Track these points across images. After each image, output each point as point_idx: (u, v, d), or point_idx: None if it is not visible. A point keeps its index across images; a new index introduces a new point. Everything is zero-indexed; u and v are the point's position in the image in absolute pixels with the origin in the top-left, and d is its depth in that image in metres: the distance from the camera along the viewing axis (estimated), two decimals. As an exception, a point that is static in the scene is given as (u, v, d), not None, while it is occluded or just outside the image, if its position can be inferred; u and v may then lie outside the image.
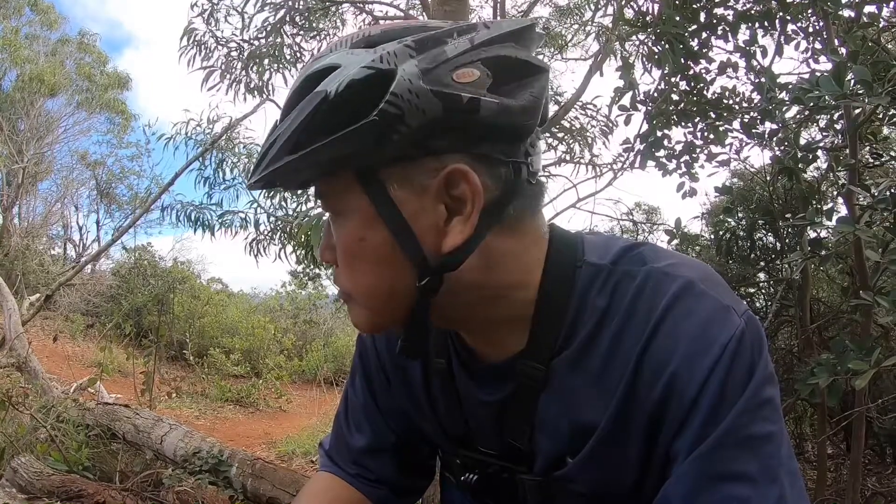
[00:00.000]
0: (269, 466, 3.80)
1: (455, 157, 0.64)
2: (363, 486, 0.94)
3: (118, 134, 17.19)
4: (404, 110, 0.61)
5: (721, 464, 0.64)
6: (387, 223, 0.66)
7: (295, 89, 0.67)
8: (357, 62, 0.63)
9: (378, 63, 0.62)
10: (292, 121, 0.65)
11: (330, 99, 0.62)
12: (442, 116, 0.62)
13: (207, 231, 5.48)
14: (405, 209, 0.65)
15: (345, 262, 0.70)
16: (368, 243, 0.67)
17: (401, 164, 0.64)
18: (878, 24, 2.88)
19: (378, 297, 0.70)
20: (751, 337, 0.66)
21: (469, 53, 0.64)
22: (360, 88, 0.62)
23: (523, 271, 0.72)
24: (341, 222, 0.69)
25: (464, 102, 0.62)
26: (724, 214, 3.95)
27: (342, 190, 0.67)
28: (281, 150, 0.65)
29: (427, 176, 0.65)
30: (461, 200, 0.65)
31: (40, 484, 3.44)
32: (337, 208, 0.69)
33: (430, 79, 0.62)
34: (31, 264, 13.14)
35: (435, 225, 0.66)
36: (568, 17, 6.71)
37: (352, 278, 0.70)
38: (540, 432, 0.76)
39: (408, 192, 0.65)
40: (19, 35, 15.87)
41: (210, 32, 5.09)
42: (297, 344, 12.43)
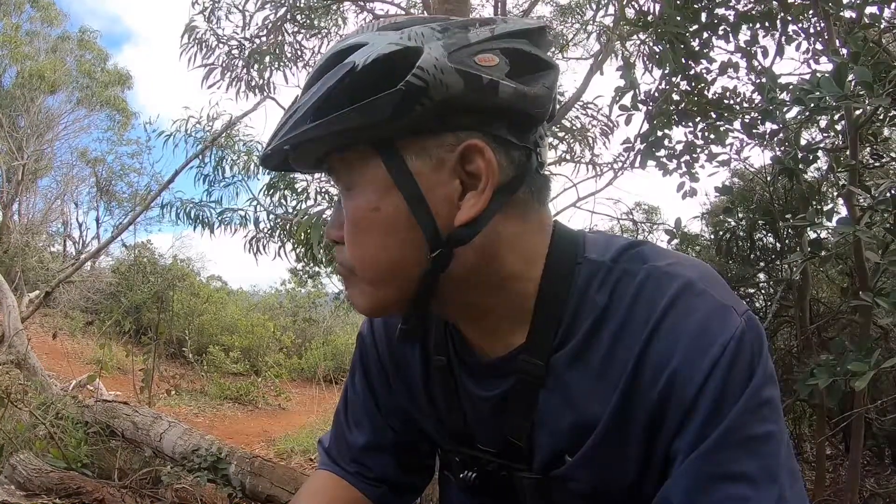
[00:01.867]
0: (268, 464, 3.79)
1: (472, 135, 0.67)
2: (362, 484, 0.94)
3: (118, 131, 17.19)
4: (429, 84, 0.63)
5: (721, 464, 0.63)
6: (403, 192, 0.67)
7: (319, 66, 0.69)
8: (385, 40, 0.65)
9: (406, 41, 0.65)
10: (315, 91, 0.67)
11: (356, 70, 0.64)
12: (463, 94, 0.64)
13: (207, 229, 5.49)
14: (421, 181, 0.67)
15: (354, 235, 0.70)
16: (381, 213, 0.68)
17: (420, 137, 0.66)
18: (879, 25, 2.89)
19: (386, 270, 0.70)
20: (751, 337, 0.66)
21: (490, 41, 0.67)
22: (386, 62, 0.64)
23: (526, 260, 0.72)
24: (353, 195, 0.69)
25: (484, 83, 0.65)
26: (724, 214, 3.95)
27: (358, 162, 0.68)
28: (301, 119, 0.67)
29: (444, 150, 0.67)
30: (475, 176, 0.67)
31: (39, 481, 3.44)
32: (351, 181, 0.69)
33: (454, 58, 0.64)
34: (31, 261, 13.13)
35: (449, 198, 0.68)
36: (569, 16, 6.71)
37: (360, 251, 0.70)
38: (539, 430, 0.76)
39: (424, 164, 0.67)
40: (20, 32, 15.87)
41: (211, 30, 5.10)
42: (296, 342, 12.45)
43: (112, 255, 14.82)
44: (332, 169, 0.71)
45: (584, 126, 5.13)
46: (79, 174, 17.15)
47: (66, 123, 16.84)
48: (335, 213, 0.75)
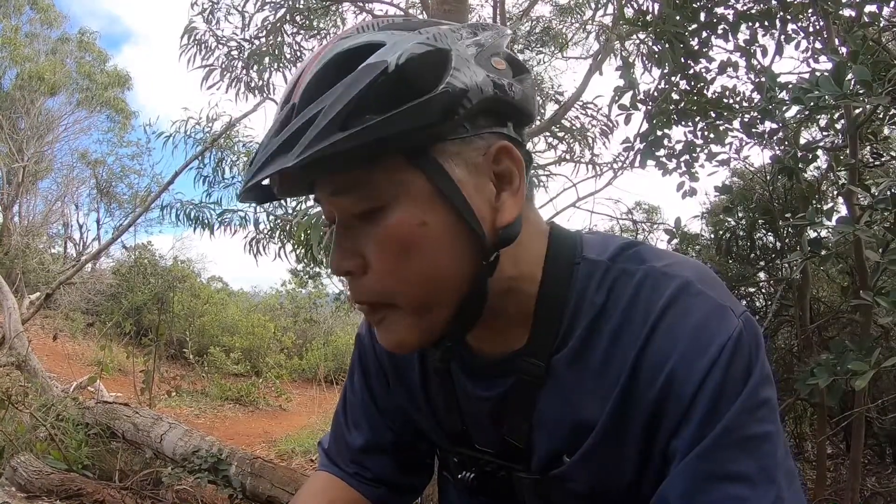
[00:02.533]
0: (269, 465, 3.80)
1: (495, 136, 0.66)
2: (361, 485, 0.94)
3: (118, 132, 17.21)
4: (468, 86, 0.62)
5: (718, 464, 0.64)
6: (450, 202, 0.63)
7: (325, 65, 0.62)
8: (408, 39, 0.61)
9: (433, 41, 0.62)
10: (341, 94, 0.59)
11: (390, 71, 0.59)
12: (492, 96, 0.64)
13: (207, 230, 5.49)
14: (463, 187, 0.64)
15: (398, 257, 0.64)
16: (430, 227, 0.63)
17: (454, 142, 0.64)
18: (878, 23, 2.88)
19: (439, 289, 0.66)
20: (748, 337, 0.66)
21: (497, 46, 0.68)
22: (421, 63, 0.60)
23: (531, 262, 0.73)
24: (390, 212, 0.63)
25: (504, 85, 0.65)
26: (724, 214, 3.95)
27: (388, 175, 0.62)
28: (327, 128, 0.58)
29: (477, 154, 0.65)
30: (506, 176, 0.67)
31: (40, 483, 3.44)
32: (383, 197, 0.63)
33: (480, 61, 0.64)
34: (32, 263, 13.15)
35: (489, 201, 0.66)
36: (568, 15, 6.71)
37: (406, 273, 0.65)
38: (537, 430, 0.76)
39: (462, 170, 0.64)
40: (19, 33, 15.88)
41: (210, 31, 5.10)
42: (297, 342, 12.44)
43: (112, 257, 14.86)
44: (350, 184, 0.63)
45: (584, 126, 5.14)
46: (79, 176, 17.19)
47: (66, 125, 16.88)
48: (342, 240, 0.67)
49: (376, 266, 0.65)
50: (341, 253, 0.67)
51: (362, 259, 0.66)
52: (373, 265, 0.65)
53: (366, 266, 0.66)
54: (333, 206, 0.67)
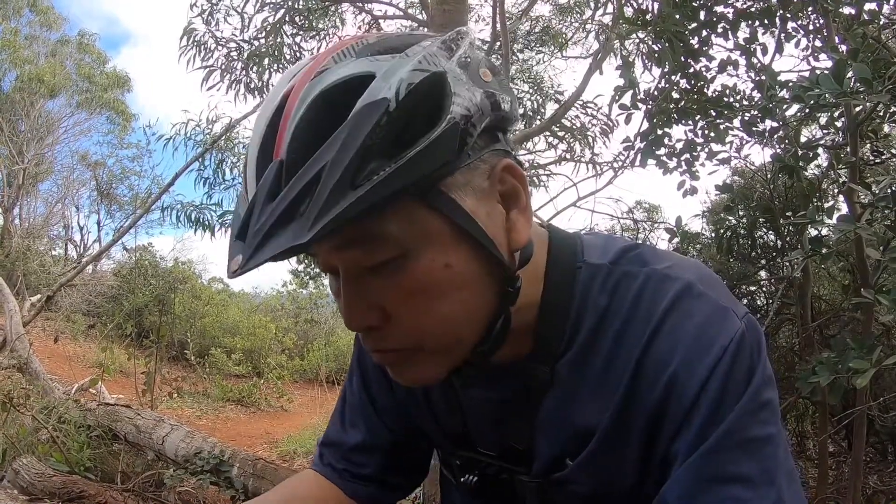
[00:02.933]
0: (271, 466, 3.80)
1: (493, 155, 0.63)
2: (348, 482, 0.93)
3: (118, 134, 17.24)
4: (472, 111, 0.58)
5: (720, 465, 0.63)
6: (471, 237, 0.60)
7: (309, 108, 0.55)
8: (398, 66, 0.55)
9: (426, 65, 0.56)
10: (343, 145, 0.52)
11: (392, 110, 0.53)
12: (491, 116, 0.60)
13: (208, 231, 5.50)
14: (477, 217, 0.60)
15: (421, 306, 0.60)
16: (455, 268, 0.60)
17: (461, 171, 0.59)
18: (878, 21, 2.88)
19: (466, 327, 0.64)
20: (750, 339, 0.66)
21: (475, 57, 0.63)
22: (421, 93, 0.55)
23: (533, 270, 0.71)
24: (408, 261, 0.59)
25: (497, 100, 0.61)
26: (725, 213, 3.94)
27: (402, 221, 0.57)
28: (337, 189, 0.51)
29: (482, 178, 0.62)
30: (512, 195, 0.64)
31: (42, 485, 3.45)
32: (398, 246, 0.58)
33: (472, 78, 0.60)
34: (32, 265, 13.16)
35: (503, 225, 0.64)
36: (568, 14, 6.71)
37: (433, 319, 0.61)
38: (540, 434, 0.76)
39: (473, 199, 0.60)
40: (19, 36, 15.91)
41: (210, 32, 5.11)
42: (298, 343, 12.45)
43: (113, 259, 14.89)
44: (360, 236, 0.57)
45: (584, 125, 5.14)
46: (79, 178, 17.22)
47: (66, 127, 16.91)
48: (354, 294, 0.61)
49: (401, 316, 0.61)
50: (358, 308, 0.61)
51: (381, 311, 0.61)
52: (396, 315, 0.61)
53: (386, 318, 0.62)
54: (338, 259, 0.61)
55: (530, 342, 0.73)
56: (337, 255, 0.60)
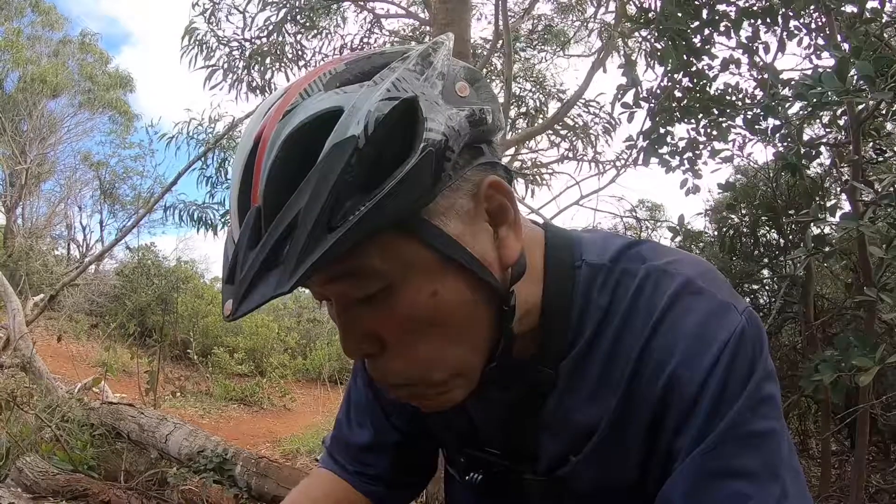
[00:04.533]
0: (274, 465, 3.81)
1: (476, 171, 0.61)
2: (360, 483, 0.94)
3: (121, 134, 17.27)
4: (447, 135, 0.56)
5: (722, 461, 0.63)
6: (457, 262, 0.59)
7: (280, 150, 0.54)
8: (366, 97, 0.54)
9: (395, 91, 0.55)
10: (314, 190, 0.52)
11: (361, 146, 0.52)
12: (470, 133, 0.58)
13: (210, 230, 5.51)
14: (465, 241, 0.59)
15: (415, 337, 0.60)
16: (443, 295, 0.59)
17: (442, 196, 0.57)
18: (880, 19, 2.88)
19: (463, 353, 0.63)
20: (751, 334, 0.66)
21: (454, 68, 0.61)
22: (391, 123, 0.53)
23: (531, 275, 0.70)
24: (396, 291, 0.58)
25: (476, 115, 0.59)
26: (728, 211, 3.94)
27: (384, 253, 0.56)
28: (313, 234, 0.52)
29: (466, 199, 0.60)
30: (500, 211, 0.63)
31: (45, 483, 3.45)
32: (383, 278, 0.57)
33: (447, 97, 0.58)
34: (35, 265, 13.17)
35: (490, 244, 0.62)
36: (570, 13, 6.71)
37: (430, 350, 0.61)
38: (544, 432, 0.76)
39: (457, 222, 0.59)
40: (21, 36, 15.93)
41: (211, 32, 5.11)
42: (300, 342, 12.45)
43: (116, 258, 14.92)
44: (346, 272, 0.57)
45: (587, 123, 5.14)
46: (82, 177, 17.26)
47: (68, 127, 16.94)
48: (349, 323, 0.61)
49: (397, 348, 0.61)
50: (353, 337, 0.61)
51: (377, 339, 0.61)
52: (392, 346, 0.61)
53: (383, 347, 0.61)
54: (329, 292, 0.60)
55: (534, 345, 0.73)
56: (326, 288, 0.59)
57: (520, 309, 0.67)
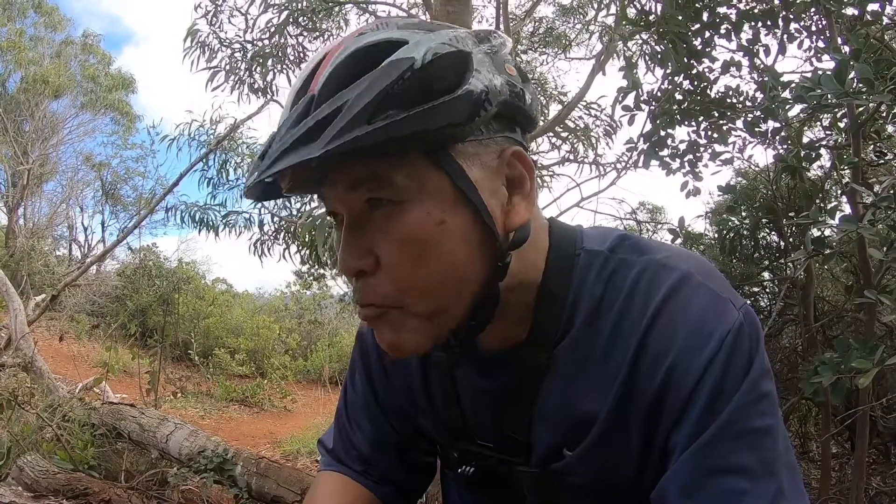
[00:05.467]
0: (274, 465, 3.81)
1: (507, 141, 0.67)
2: (369, 484, 0.94)
3: (123, 135, 17.28)
4: (489, 89, 0.62)
5: (719, 457, 0.64)
6: (470, 202, 0.63)
7: (346, 58, 0.61)
8: (430, 39, 0.61)
9: (455, 43, 0.62)
10: (367, 87, 0.58)
11: (416, 68, 0.59)
12: (508, 101, 0.65)
13: (212, 231, 5.51)
14: (480, 188, 0.64)
15: (411, 256, 0.63)
16: (448, 226, 0.63)
17: (472, 144, 0.64)
18: (881, 22, 2.88)
19: (449, 290, 0.65)
20: (749, 330, 0.67)
21: (503, 52, 0.68)
22: (445, 62, 0.60)
23: (535, 257, 0.73)
24: (405, 208, 0.62)
25: (517, 89, 0.66)
26: (728, 213, 3.94)
27: (408, 170, 0.61)
28: (353, 120, 0.57)
29: (492, 157, 0.65)
30: (518, 180, 0.67)
31: (46, 482, 3.46)
32: (399, 193, 0.62)
33: (497, 66, 0.65)
34: (37, 265, 13.18)
35: (501, 205, 0.66)
36: (571, 16, 6.72)
37: (416, 274, 0.63)
38: (538, 423, 0.76)
39: (479, 171, 0.64)
40: (24, 37, 15.94)
41: (213, 33, 5.12)
42: (301, 344, 12.44)
43: (117, 259, 14.89)
44: (367, 177, 0.62)
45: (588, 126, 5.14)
46: (84, 178, 17.25)
47: (70, 128, 16.94)
48: (352, 238, 0.65)
49: (391, 265, 0.64)
50: (352, 251, 0.64)
51: (374, 258, 0.64)
52: (386, 264, 0.64)
53: (377, 265, 0.64)
54: (345, 203, 0.65)
55: (526, 328, 0.74)
56: (345, 197, 0.64)
57: (515, 277, 0.69)
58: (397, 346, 0.68)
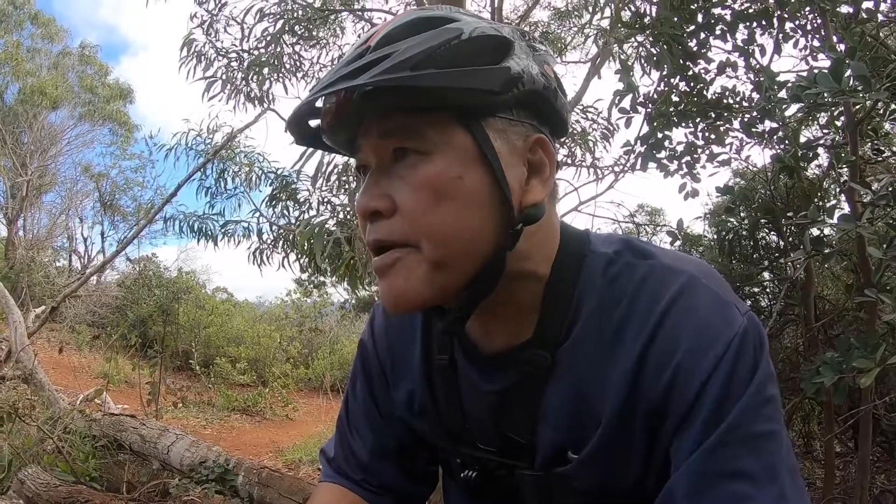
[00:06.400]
0: (276, 475, 3.80)
1: (534, 130, 0.72)
2: (367, 493, 0.94)
3: (121, 145, 17.30)
4: (524, 73, 0.68)
5: (723, 462, 0.64)
6: (489, 165, 0.68)
7: (403, 23, 0.68)
8: (479, 22, 0.68)
9: (500, 31, 0.68)
10: (418, 43, 0.64)
11: (462, 38, 0.65)
12: (540, 92, 0.70)
13: (211, 241, 5.49)
14: (501, 158, 0.68)
15: (427, 202, 0.66)
16: (465, 182, 0.67)
17: (501, 120, 0.69)
18: (876, 19, 2.88)
19: (462, 243, 0.67)
20: (753, 335, 0.67)
21: (547, 55, 0.74)
22: (488, 42, 0.67)
23: (545, 255, 0.74)
24: (433, 159, 0.67)
25: (551, 84, 0.72)
26: (727, 214, 3.94)
27: (441, 126, 0.67)
28: (398, 66, 0.63)
29: (518, 138, 0.70)
30: (538, 165, 0.72)
31: (47, 495, 3.44)
32: (430, 145, 0.67)
33: (536, 60, 0.71)
34: (37, 276, 13.20)
35: (520, 180, 0.70)
36: (566, 19, 6.72)
37: (436, 218, 0.66)
38: (542, 424, 0.76)
39: (503, 145, 0.69)
40: (21, 49, 15.98)
41: (210, 43, 5.11)
42: (302, 352, 12.44)
43: (117, 269, 14.92)
44: (400, 128, 0.67)
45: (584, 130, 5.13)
46: (83, 189, 17.29)
47: (69, 139, 16.99)
48: (372, 184, 0.69)
49: (407, 208, 0.67)
50: (370, 194, 0.69)
51: (391, 202, 0.68)
52: (403, 207, 0.67)
53: (394, 209, 0.68)
54: (375, 151, 0.70)
55: (530, 328, 0.74)
56: (376, 145, 0.69)
57: (525, 263, 0.72)
58: (402, 293, 0.68)
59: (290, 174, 5.12)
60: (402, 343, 0.90)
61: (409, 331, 0.89)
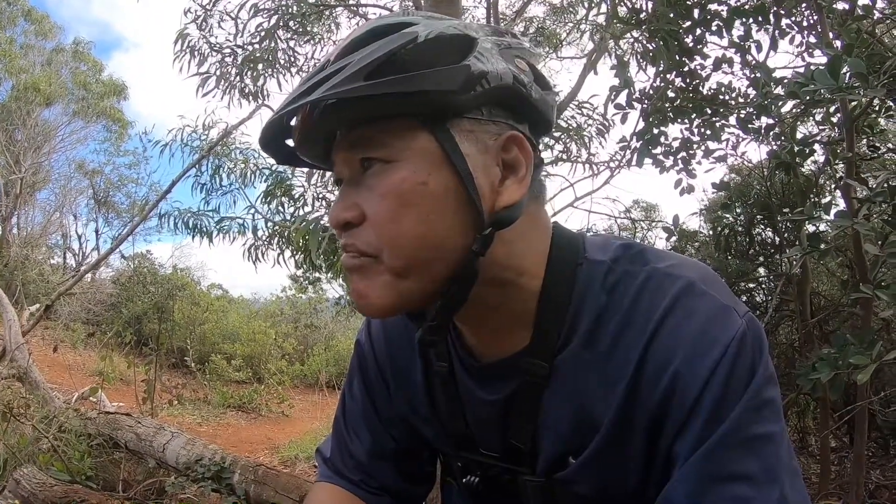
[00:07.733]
0: (272, 472, 3.79)
1: (509, 128, 0.69)
2: (364, 493, 0.93)
3: (115, 142, 17.25)
4: (488, 70, 0.66)
5: (723, 464, 0.64)
6: (455, 169, 0.66)
7: (360, 37, 0.66)
8: (442, 23, 0.66)
9: (462, 28, 0.67)
10: (371, 52, 0.63)
11: (419, 41, 0.64)
12: (510, 88, 0.68)
13: (206, 237, 5.48)
14: (469, 161, 0.67)
15: (391, 210, 0.66)
16: (430, 187, 0.65)
17: (469, 121, 0.67)
18: (872, 16, 2.88)
19: (427, 250, 0.66)
20: (752, 337, 0.67)
21: (521, 50, 0.72)
22: (447, 42, 0.65)
23: (533, 258, 0.73)
24: (397, 167, 0.66)
25: (524, 83, 0.69)
26: (722, 210, 3.94)
27: (404, 132, 0.66)
28: (353, 77, 0.62)
29: (489, 137, 0.68)
30: (513, 165, 0.69)
31: (43, 495, 3.43)
32: (394, 152, 0.66)
33: (505, 56, 0.69)
34: (31, 274, 13.15)
35: (491, 182, 0.68)
36: (562, 15, 6.72)
37: (400, 227, 0.66)
38: (543, 432, 0.76)
39: (472, 146, 0.67)
40: (14, 45, 15.90)
41: (204, 38, 5.09)
42: (298, 348, 12.43)
43: (112, 267, 14.87)
44: (365, 138, 0.67)
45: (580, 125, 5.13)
46: (77, 186, 17.24)
47: (62, 136, 16.92)
48: (344, 196, 0.69)
49: (372, 217, 0.67)
50: (341, 205, 0.69)
51: (360, 211, 0.68)
52: (370, 216, 0.67)
53: (363, 218, 0.68)
54: (346, 164, 0.70)
55: (526, 337, 0.74)
56: (346, 157, 0.69)
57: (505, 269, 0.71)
58: (365, 298, 0.69)
59: (285, 170, 5.09)
60: (402, 347, 0.89)
61: (408, 334, 0.88)
